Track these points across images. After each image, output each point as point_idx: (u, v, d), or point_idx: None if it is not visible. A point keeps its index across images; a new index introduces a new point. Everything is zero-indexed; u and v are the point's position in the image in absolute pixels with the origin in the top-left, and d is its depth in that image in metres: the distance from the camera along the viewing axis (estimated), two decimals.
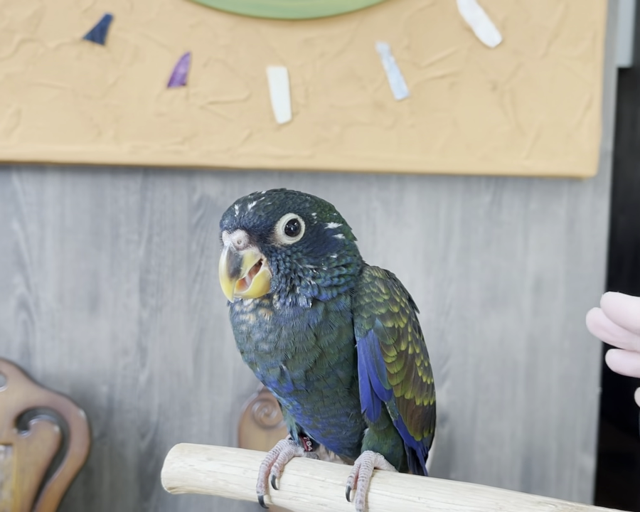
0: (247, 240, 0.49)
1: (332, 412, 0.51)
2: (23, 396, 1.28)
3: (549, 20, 1.39)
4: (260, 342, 0.48)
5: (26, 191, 1.36)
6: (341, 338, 0.48)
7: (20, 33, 1.27)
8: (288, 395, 0.50)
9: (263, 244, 0.49)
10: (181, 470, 0.52)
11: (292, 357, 0.47)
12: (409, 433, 0.53)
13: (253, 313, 0.49)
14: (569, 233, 1.50)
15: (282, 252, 0.49)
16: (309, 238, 0.50)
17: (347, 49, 1.34)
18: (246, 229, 0.49)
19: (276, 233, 0.50)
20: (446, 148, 1.38)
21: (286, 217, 0.50)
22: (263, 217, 0.49)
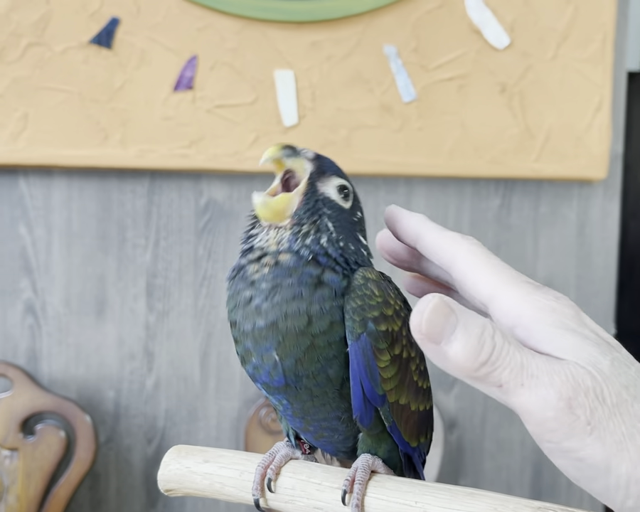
0: (312, 157, 0.48)
1: (323, 415, 0.49)
2: (29, 401, 1.28)
3: (558, 23, 1.37)
4: (257, 314, 0.46)
5: (33, 195, 1.36)
6: (332, 331, 0.46)
7: (27, 37, 1.27)
8: (277, 392, 0.49)
9: (315, 178, 0.48)
10: (178, 472, 0.51)
11: (283, 339, 0.46)
12: (404, 439, 0.51)
13: (258, 263, 0.47)
14: (580, 237, 1.49)
15: (322, 198, 0.48)
16: (345, 218, 0.50)
17: (354, 52, 1.33)
18: (316, 154, 0.49)
19: (331, 182, 0.49)
20: (454, 151, 1.37)
21: (345, 181, 0.50)
22: (335, 165, 0.49)
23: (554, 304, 0.41)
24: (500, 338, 0.38)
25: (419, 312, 0.38)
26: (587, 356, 0.38)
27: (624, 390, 0.37)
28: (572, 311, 0.41)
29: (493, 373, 0.37)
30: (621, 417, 0.37)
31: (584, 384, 0.37)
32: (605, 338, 0.40)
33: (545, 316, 0.40)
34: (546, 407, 0.37)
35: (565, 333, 0.39)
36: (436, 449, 1.36)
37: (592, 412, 0.36)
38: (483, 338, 0.38)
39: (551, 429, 0.37)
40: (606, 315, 1.51)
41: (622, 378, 0.38)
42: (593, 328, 0.41)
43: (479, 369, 0.38)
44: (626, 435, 0.36)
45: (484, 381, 0.38)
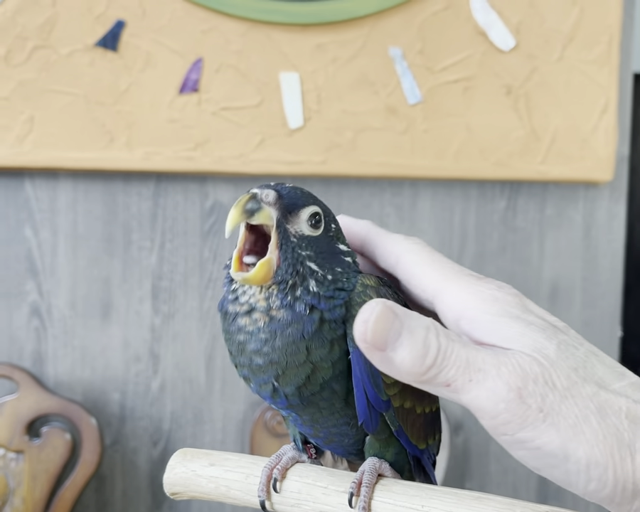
0: (274, 201, 0.46)
1: (332, 422, 0.49)
2: (35, 403, 1.28)
3: (564, 24, 1.37)
4: (254, 354, 0.45)
5: (39, 198, 1.36)
6: (334, 351, 0.46)
7: (33, 39, 1.27)
8: (284, 409, 0.49)
9: (283, 222, 0.46)
10: (183, 475, 0.51)
11: (283, 372, 0.45)
12: (412, 442, 0.51)
13: (248, 317, 0.46)
14: (586, 239, 1.48)
15: (296, 240, 0.46)
16: (323, 242, 0.48)
17: (359, 54, 1.33)
18: (278, 193, 0.46)
19: (300, 218, 0.47)
20: (459, 154, 1.37)
21: (313, 208, 0.48)
22: (298, 194, 0.47)
23: (496, 293, 0.40)
24: (444, 338, 0.38)
25: (364, 321, 0.38)
26: (532, 343, 0.38)
27: (572, 373, 0.37)
28: (515, 299, 0.40)
29: (440, 374, 0.37)
30: (573, 400, 0.36)
31: (532, 371, 0.37)
32: (551, 321, 0.40)
33: (488, 306, 0.40)
34: (496, 399, 0.36)
35: (509, 321, 0.39)
36: (442, 451, 1.35)
37: (543, 399, 0.36)
38: (428, 341, 0.38)
39: (505, 422, 0.36)
40: (613, 317, 1.50)
41: (570, 361, 0.38)
42: (538, 314, 0.40)
43: (426, 372, 0.37)
44: (580, 418, 0.36)
45: (432, 383, 0.38)
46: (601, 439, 0.36)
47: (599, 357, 0.39)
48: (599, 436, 0.36)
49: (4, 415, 1.27)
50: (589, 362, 0.38)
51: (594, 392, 0.37)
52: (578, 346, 0.39)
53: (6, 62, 1.27)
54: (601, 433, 0.36)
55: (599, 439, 0.36)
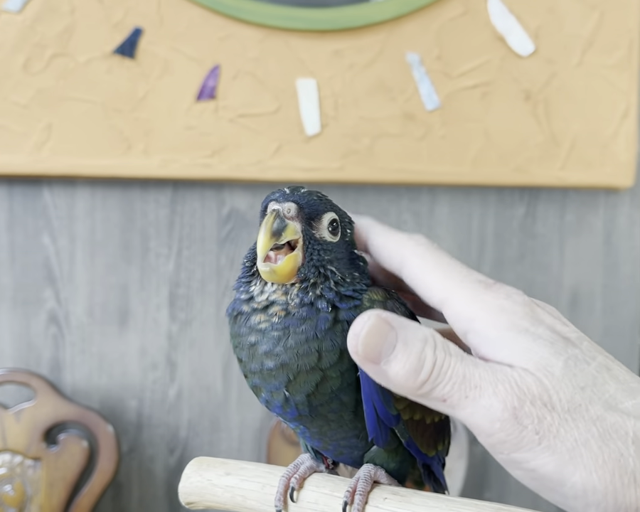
0: (296, 213, 0.46)
1: (340, 435, 0.49)
2: (52, 410, 1.28)
3: (583, 29, 1.36)
4: (265, 357, 0.45)
5: (57, 205, 1.37)
6: (343, 361, 0.45)
7: (52, 47, 1.28)
8: (293, 421, 0.48)
9: (306, 227, 0.47)
10: (199, 485, 0.50)
11: (294, 378, 0.45)
12: (422, 451, 0.51)
13: (264, 313, 0.46)
14: (606, 245, 1.46)
15: (319, 244, 0.47)
16: (341, 248, 0.49)
17: (377, 60, 1.33)
18: (298, 204, 0.47)
19: (321, 223, 0.48)
20: (478, 160, 1.35)
21: (331, 214, 0.48)
22: (317, 202, 0.48)
23: (505, 303, 0.39)
24: (441, 352, 0.37)
25: (355, 335, 0.38)
26: (537, 359, 0.36)
27: (578, 393, 0.36)
28: (524, 309, 0.39)
29: (436, 389, 0.37)
30: (574, 423, 0.35)
31: (530, 392, 0.35)
32: (563, 333, 0.39)
33: (495, 318, 0.38)
34: (492, 418, 0.35)
35: (517, 335, 0.38)
36: (461, 461, 1.34)
37: (539, 421, 0.35)
38: (424, 355, 0.37)
39: (500, 441, 0.36)
40: (633, 325, 1.48)
41: (578, 379, 0.36)
42: (549, 324, 0.39)
43: (421, 387, 0.37)
44: (579, 442, 0.35)
45: (427, 397, 0.37)
46: (601, 464, 0.34)
47: (612, 371, 0.37)
48: (598, 461, 0.34)
49: (22, 422, 1.28)
50: (599, 378, 0.37)
51: (598, 415, 0.35)
52: (590, 360, 0.37)
53: (25, 70, 1.28)
54: (602, 458, 0.34)
55: (598, 464, 0.34)
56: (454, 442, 1.34)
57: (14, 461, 1.28)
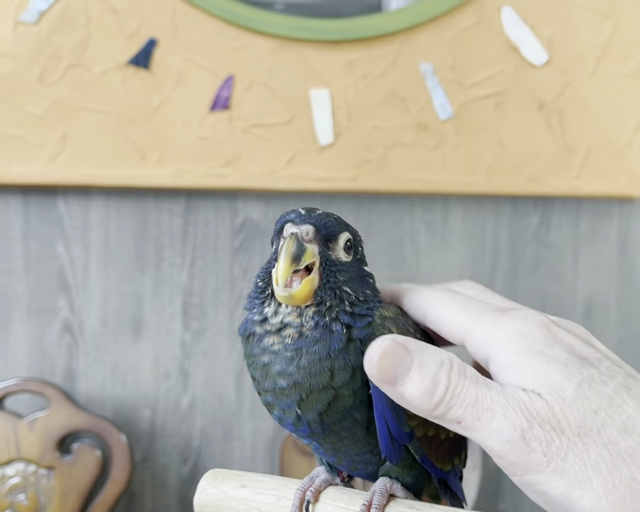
0: (314, 236, 0.47)
1: (354, 451, 0.49)
2: (66, 419, 1.29)
3: (597, 38, 1.35)
4: (278, 377, 0.45)
5: (71, 215, 1.37)
6: (355, 379, 0.45)
7: (67, 58, 1.29)
8: (306, 437, 0.48)
9: (323, 249, 0.47)
10: (214, 497, 0.50)
11: (307, 396, 0.45)
12: (437, 466, 0.50)
13: (277, 335, 0.46)
14: (621, 255, 1.46)
15: (335, 265, 0.48)
16: (353, 267, 0.49)
17: (390, 70, 1.33)
18: (315, 227, 0.47)
19: (337, 244, 0.48)
20: (491, 169, 1.35)
21: (346, 234, 0.49)
22: (333, 223, 0.48)
23: (521, 328, 0.40)
24: (456, 375, 0.38)
25: (370, 358, 0.39)
26: (550, 383, 0.37)
27: (589, 417, 0.36)
28: (541, 331, 0.40)
29: (450, 411, 0.37)
30: (584, 447, 0.35)
31: (539, 415, 0.36)
32: (581, 353, 0.39)
33: (511, 344, 0.39)
34: (502, 439, 0.36)
35: (531, 359, 0.38)
36: (475, 472, 1.33)
37: (548, 444, 0.35)
38: (438, 378, 0.37)
39: (511, 463, 0.36)
40: None
41: (591, 402, 0.36)
42: (567, 344, 0.39)
43: (435, 409, 0.38)
44: (589, 465, 0.34)
45: (443, 419, 0.38)
46: (611, 488, 0.34)
47: (632, 391, 0.37)
48: (608, 486, 0.34)
49: (36, 431, 1.28)
50: (617, 399, 0.36)
51: (611, 439, 0.35)
52: (608, 381, 0.37)
53: (40, 81, 1.28)
54: (612, 482, 0.34)
55: (607, 489, 0.34)
56: (468, 453, 1.34)
57: (28, 470, 1.28)
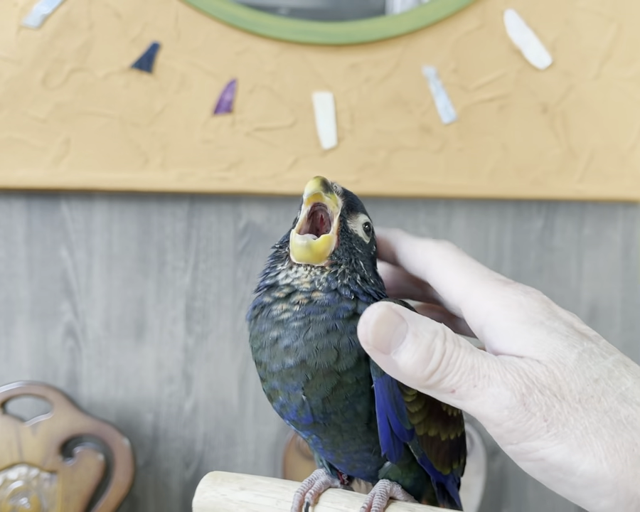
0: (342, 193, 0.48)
1: (353, 448, 0.48)
2: (69, 423, 1.28)
3: (601, 41, 1.35)
4: (286, 354, 0.45)
5: (75, 219, 1.37)
6: (359, 368, 0.45)
7: (70, 62, 1.29)
8: (306, 428, 0.48)
9: (345, 214, 0.48)
10: (213, 500, 0.50)
11: (312, 377, 0.44)
12: (436, 469, 0.50)
13: (286, 302, 0.45)
14: (625, 259, 1.45)
15: (353, 235, 0.48)
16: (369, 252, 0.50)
17: (393, 73, 1.33)
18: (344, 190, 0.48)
19: (358, 219, 0.49)
20: (495, 173, 1.35)
21: (366, 217, 0.49)
22: (357, 200, 0.49)
23: (522, 299, 0.39)
24: (451, 343, 0.37)
25: (365, 322, 0.38)
26: (551, 350, 0.36)
27: (590, 385, 0.35)
28: (541, 304, 0.39)
29: (444, 380, 0.37)
30: (585, 413, 0.35)
31: (539, 381, 0.35)
32: (580, 329, 0.39)
33: (511, 312, 0.39)
34: (500, 406, 0.35)
35: (531, 328, 0.38)
36: (478, 477, 1.32)
37: (548, 409, 0.35)
38: (433, 346, 0.37)
39: (508, 430, 0.35)
40: None
41: (592, 371, 0.36)
42: (566, 320, 0.39)
43: (429, 378, 0.37)
44: (590, 430, 0.34)
45: (436, 388, 0.37)
46: (612, 452, 0.34)
47: (630, 368, 0.37)
48: (609, 450, 0.34)
49: (38, 435, 1.28)
50: (616, 372, 0.37)
51: (612, 407, 0.35)
52: (607, 355, 0.37)
53: (43, 85, 1.29)
54: (613, 446, 0.34)
55: (609, 453, 0.34)
56: (472, 458, 1.33)
57: (30, 474, 1.28)
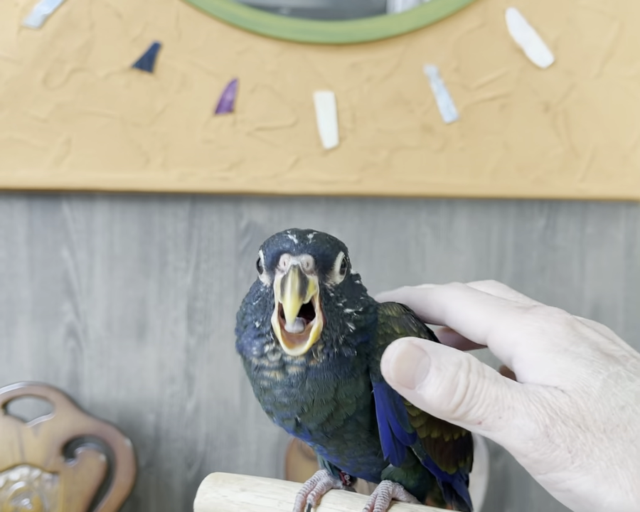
0: (314, 267, 0.43)
1: (358, 453, 0.48)
2: (70, 424, 1.28)
3: (602, 40, 1.35)
4: (280, 396, 0.44)
5: (76, 219, 1.37)
6: (358, 386, 0.44)
7: (71, 62, 1.29)
8: (308, 441, 0.47)
9: (323, 282, 0.44)
10: (214, 501, 0.49)
11: (308, 410, 0.44)
12: (441, 469, 0.49)
13: (280, 371, 0.44)
14: (628, 258, 1.45)
15: (333, 292, 0.45)
16: (348, 283, 0.46)
17: (394, 72, 1.32)
18: (313, 256, 0.44)
19: (334, 269, 0.45)
20: (497, 172, 1.35)
21: (341, 255, 0.46)
22: (329, 249, 0.45)
23: (544, 325, 0.39)
24: (475, 375, 0.37)
25: (387, 361, 0.38)
26: (575, 379, 0.36)
27: (615, 414, 0.35)
28: (565, 328, 0.39)
29: (470, 411, 0.37)
30: (610, 443, 0.34)
31: (562, 411, 0.35)
32: (606, 350, 0.38)
33: (535, 341, 0.38)
34: (524, 437, 0.35)
35: (555, 356, 0.37)
36: (481, 477, 1.32)
37: (572, 440, 0.34)
38: (457, 378, 0.37)
39: (535, 460, 0.35)
40: None
41: (618, 398, 0.35)
42: (592, 341, 0.38)
43: (455, 410, 0.37)
44: (615, 461, 0.34)
45: (463, 420, 0.37)
46: (639, 483, 0.33)
47: None
48: (635, 481, 0.33)
49: (40, 436, 1.28)
50: None
51: (639, 435, 0.34)
52: (634, 377, 0.37)
53: (44, 85, 1.28)
54: None
55: (635, 484, 0.33)
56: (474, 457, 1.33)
57: (32, 475, 1.28)
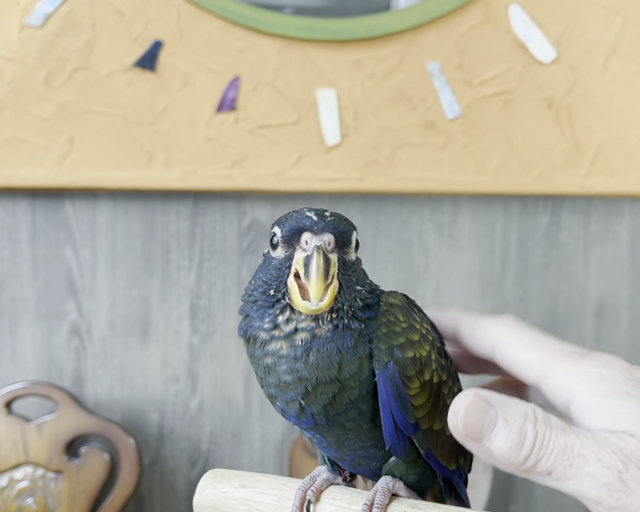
0: (335, 245, 0.45)
1: (358, 445, 0.48)
2: (74, 423, 1.28)
3: (606, 35, 1.34)
4: (284, 374, 0.44)
5: (79, 218, 1.37)
6: (362, 370, 0.45)
7: (73, 61, 1.29)
8: (309, 429, 0.47)
9: (342, 256, 0.46)
10: (213, 497, 0.49)
11: (313, 389, 0.44)
12: (442, 463, 0.49)
13: (287, 340, 0.45)
14: (632, 255, 1.44)
15: (349, 267, 0.46)
16: (358, 262, 0.49)
17: (397, 69, 1.32)
18: (334, 234, 0.45)
19: (351, 246, 0.47)
20: (500, 168, 1.34)
21: (355, 234, 0.48)
22: (346, 226, 0.46)
23: (602, 371, 0.39)
24: (542, 425, 0.37)
25: (454, 414, 0.38)
26: None
27: None
28: (623, 373, 0.39)
29: (540, 462, 0.36)
30: None
31: (634, 456, 0.35)
32: None
33: (594, 387, 0.38)
34: (598, 483, 0.35)
35: (618, 400, 0.37)
36: (486, 474, 1.32)
37: None
38: (525, 430, 0.37)
39: (610, 507, 0.35)
40: None
41: None
42: None
43: (525, 462, 0.37)
44: None
45: (533, 472, 0.37)
46: None
47: None
48: None
49: (44, 435, 1.28)
50: None
51: None
52: None
53: (46, 84, 1.28)
54: None
55: None
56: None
57: (36, 474, 1.28)
